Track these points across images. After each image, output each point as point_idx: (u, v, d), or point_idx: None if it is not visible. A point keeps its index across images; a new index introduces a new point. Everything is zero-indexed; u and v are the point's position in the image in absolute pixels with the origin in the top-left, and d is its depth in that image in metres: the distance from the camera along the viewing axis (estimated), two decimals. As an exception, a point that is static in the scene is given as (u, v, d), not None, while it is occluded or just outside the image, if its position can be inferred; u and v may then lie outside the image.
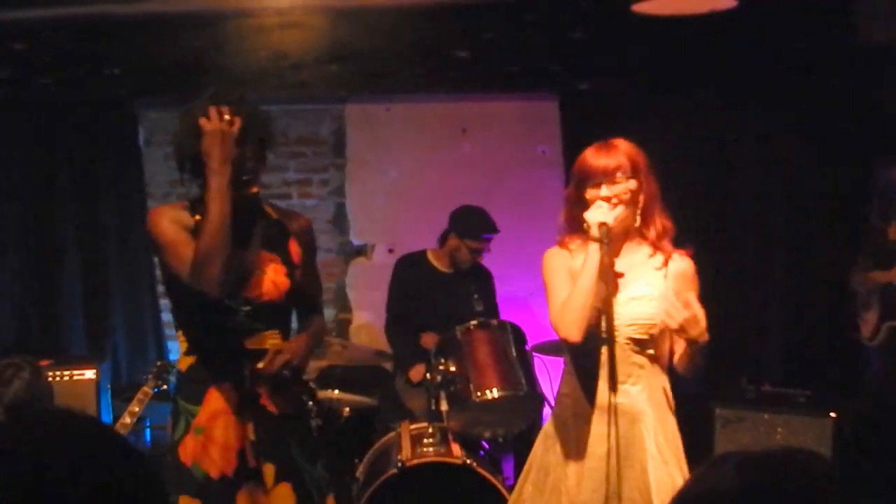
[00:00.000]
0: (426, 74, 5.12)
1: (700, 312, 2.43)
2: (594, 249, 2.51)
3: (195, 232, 2.59)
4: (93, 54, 5.14)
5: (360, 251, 5.54)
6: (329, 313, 5.52)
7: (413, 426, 3.99)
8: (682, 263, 2.64)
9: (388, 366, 4.81)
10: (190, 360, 2.73)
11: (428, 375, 4.01)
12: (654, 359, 2.62)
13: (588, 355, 2.60)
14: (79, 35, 5.11)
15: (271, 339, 2.72)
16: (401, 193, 5.48)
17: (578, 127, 5.03)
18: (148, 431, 4.84)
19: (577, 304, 2.52)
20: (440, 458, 3.69)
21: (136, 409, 3.65)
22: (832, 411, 4.06)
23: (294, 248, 2.78)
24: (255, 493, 2.65)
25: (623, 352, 2.58)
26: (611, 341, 2.51)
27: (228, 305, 2.64)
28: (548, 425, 2.79)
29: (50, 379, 4.18)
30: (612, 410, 2.50)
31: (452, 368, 3.90)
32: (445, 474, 3.64)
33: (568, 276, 2.62)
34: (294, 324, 2.89)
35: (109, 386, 4.81)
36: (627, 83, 4.92)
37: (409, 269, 4.71)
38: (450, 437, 3.84)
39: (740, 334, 4.83)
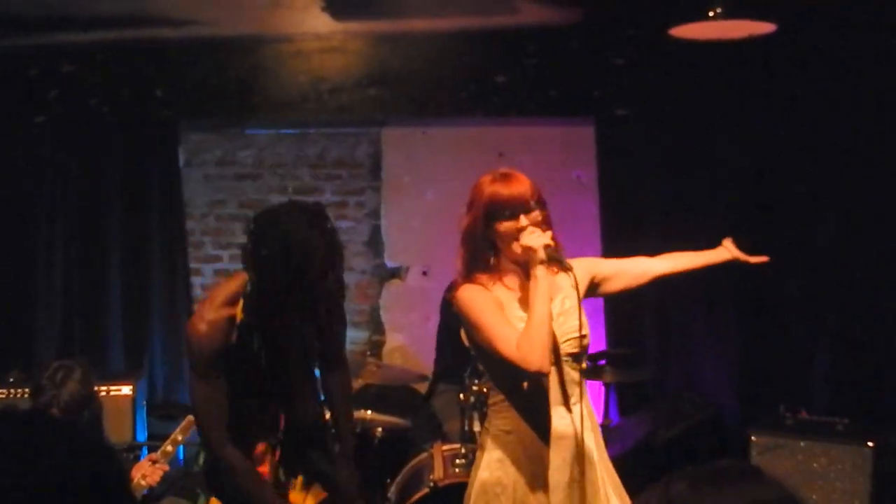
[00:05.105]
0: (464, 98, 5.15)
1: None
2: (542, 273, 2.47)
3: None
4: (138, 77, 5.26)
5: (395, 273, 5.56)
6: (363, 335, 5.54)
7: (446, 447, 3.97)
8: (581, 263, 2.68)
9: (421, 387, 4.80)
10: None
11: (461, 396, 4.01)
12: (583, 373, 2.62)
13: (536, 382, 2.54)
14: (124, 58, 5.23)
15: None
16: (436, 216, 5.49)
17: (614, 152, 5.04)
18: (181, 448, 4.86)
19: (542, 331, 2.44)
20: (473, 478, 3.66)
21: (180, 437, 3.56)
22: (871, 440, 3.99)
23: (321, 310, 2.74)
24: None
25: (565, 370, 2.57)
26: (559, 361, 2.55)
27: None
28: (485, 474, 2.63)
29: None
30: (578, 433, 2.53)
31: (485, 389, 3.88)
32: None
33: (499, 309, 2.52)
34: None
35: (145, 402, 4.85)
36: (664, 108, 4.91)
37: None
38: (482, 457, 3.82)
39: (781, 360, 4.75)
